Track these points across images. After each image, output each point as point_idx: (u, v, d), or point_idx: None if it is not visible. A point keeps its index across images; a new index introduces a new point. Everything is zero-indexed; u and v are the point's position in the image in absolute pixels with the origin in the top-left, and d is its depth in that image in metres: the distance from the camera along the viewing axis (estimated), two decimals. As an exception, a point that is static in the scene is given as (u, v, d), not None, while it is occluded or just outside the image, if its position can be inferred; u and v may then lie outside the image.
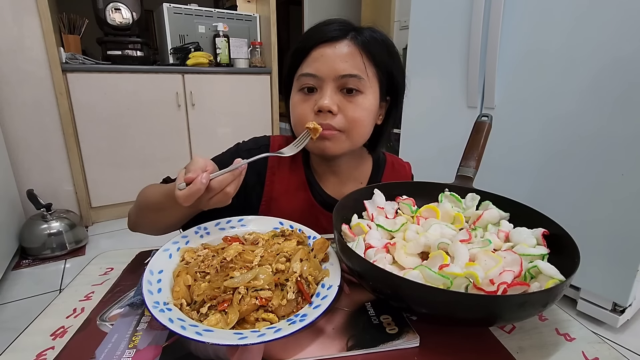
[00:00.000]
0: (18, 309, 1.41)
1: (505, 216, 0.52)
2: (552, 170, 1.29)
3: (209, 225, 0.54)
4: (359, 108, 0.61)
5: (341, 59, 0.59)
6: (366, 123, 0.64)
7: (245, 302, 0.38)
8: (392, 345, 0.38)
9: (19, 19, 1.76)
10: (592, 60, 1.15)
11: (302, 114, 0.62)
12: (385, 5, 2.81)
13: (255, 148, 0.71)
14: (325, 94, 0.60)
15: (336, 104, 0.60)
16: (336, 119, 0.61)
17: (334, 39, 0.60)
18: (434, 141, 1.71)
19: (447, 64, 1.57)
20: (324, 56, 0.60)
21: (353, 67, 0.59)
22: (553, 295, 0.36)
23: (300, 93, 0.63)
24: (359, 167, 0.74)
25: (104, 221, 2.21)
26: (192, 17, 2.39)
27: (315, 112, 0.61)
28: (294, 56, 0.64)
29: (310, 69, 0.61)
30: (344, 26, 0.61)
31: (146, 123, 2.19)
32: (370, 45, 0.61)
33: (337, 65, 0.59)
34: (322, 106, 0.59)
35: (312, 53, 0.61)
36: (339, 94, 0.61)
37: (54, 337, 0.40)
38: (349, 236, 0.50)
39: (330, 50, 0.60)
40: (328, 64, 0.59)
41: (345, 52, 0.59)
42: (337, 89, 0.61)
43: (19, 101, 1.82)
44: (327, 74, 0.60)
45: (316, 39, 0.61)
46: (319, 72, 0.60)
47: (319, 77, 0.60)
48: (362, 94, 0.61)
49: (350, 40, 0.60)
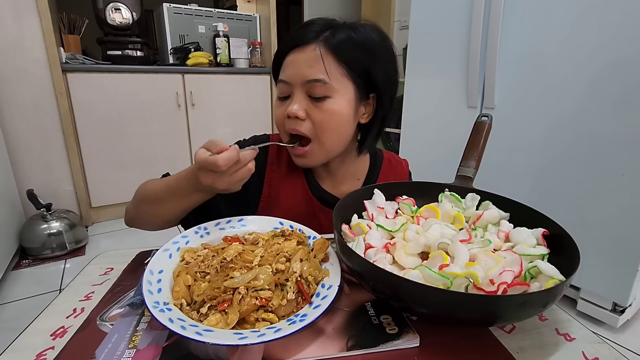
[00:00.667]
0: (18, 309, 1.41)
1: (505, 216, 0.52)
2: (552, 170, 1.29)
3: (208, 225, 0.54)
4: (326, 113, 0.61)
5: (307, 64, 0.59)
6: (336, 127, 0.63)
7: (245, 302, 0.38)
8: (392, 345, 0.38)
9: (19, 19, 1.76)
10: (592, 60, 1.15)
11: (279, 118, 0.65)
12: (385, 5, 2.81)
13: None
14: (294, 100, 0.61)
15: (304, 110, 0.61)
16: (304, 124, 0.62)
17: (303, 44, 0.60)
18: (434, 141, 1.71)
19: (447, 64, 1.57)
20: (293, 62, 0.61)
21: (318, 71, 0.59)
22: (553, 295, 0.36)
23: (278, 100, 0.65)
24: (354, 165, 0.75)
25: (104, 221, 2.21)
26: (192, 17, 2.39)
27: (286, 118, 0.63)
28: (274, 62, 0.65)
29: (283, 75, 0.62)
30: (321, 27, 0.61)
31: (146, 123, 2.19)
32: (341, 46, 0.60)
33: (303, 71, 0.60)
34: (289, 112, 0.61)
35: (286, 59, 0.62)
36: (307, 100, 0.61)
37: (54, 337, 0.40)
38: (349, 236, 0.50)
39: (298, 56, 0.60)
40: (295, 70, 0.60)
41: (311, 56, 0.59)
42: (305, 94, 0.61)
43: (19, 101, 1.82)
44: (295, 80, 0.61)
45: (291, 44, 0.61)
46: (289, 78, 0.61)
47: (289, 83, 0.61)
48: (331, 98, 0.61)
49: (318, 44, 0.60)
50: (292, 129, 0.62)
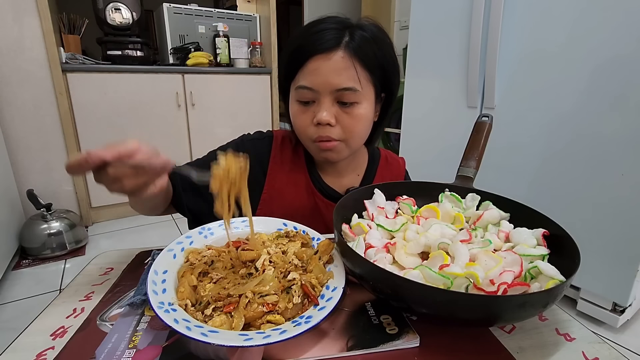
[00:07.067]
0: (18, 309, 1.41)
1: (505, 216, 0.52)
2: (553, 170, 1.29)
3: (212, 226, 0.55)
4: (355, 118, 0.62)
5: (336, 72, 0.59)
6: (363, 130, 0.66)
7: (252, 308, 0.38)
8: (392, 346, 0.38)
9: (19, 19, 1.75)
10: (592, 60, 1.15)
11: (303, 125, 0.64)
12: (385, 5, 2.81)
13: (260, 139, 0.74)
14: (323, 107, 0.61)
15: (334, 116, 0.61)
16: (335, 130, 0.62)
17: (327, 50, 0.59)
18: (434, 141, 1.71)
19: (447, 64, 1.57)
20: (318, 69, 0.60)
21: (348, 79, 0.60)
22: (553, 295, 0.36)
23: (298, 104, 0.64)
24: (355, 160, 0.77)
25: (104, 221, 2.21)
26: (192, 17, 2.39)
27: (314, 125, 0.62)
28: (289, 64, 0.63)
29: (307, 82, 0.61)
30: (338, 31, 0.60)
31: (146, 123, 2.19)
32: (362, 49, 0.60)
33: (332, 80, 0.59)
34: (320, 120, 0.61)
35: (307, 65, 0.60)
36: (336, 106, 0.62)
37: (54, 337, 0.40)
38: (349, 236, 0.50)
39: (324, 63, 0.59)
40: (323, 78, 0.59)
41: (340, 65, 0.59)
42: (333, 100, 0.61)
43: (19, 101, 1.82)
44: (322, 88, 0.60)
45: (311, 50, 0.60)
46: (315, 85, 0.60)
47: (315, 90, 0.61)
48: (359, 103, 0.62)
49: (343, 50, 0.59)
50: (324, 136, 0.62)
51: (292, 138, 0.74)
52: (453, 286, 0.38)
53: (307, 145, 0.68)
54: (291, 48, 0.63)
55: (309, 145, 0.68)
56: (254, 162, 0.66)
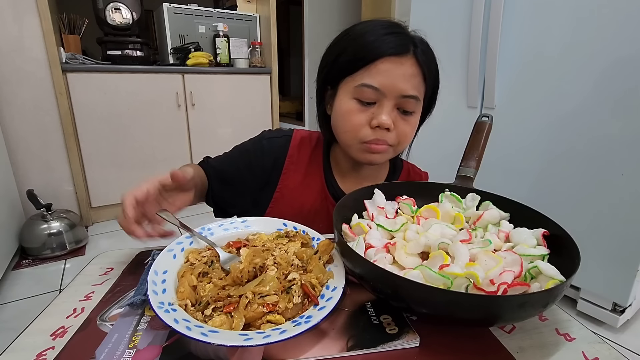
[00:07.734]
0: (18, 309, 1.41)
1: (505, 216, 0.52)
2: (553, 170, 1.29)
3: (212, 226, 0.55)
4: (411, 126, 0.63)
5: (405, 78, 0.59)
6: (411, 137, 0.67)
7: (252, 308, 0.38)
8: (392, 346, 0.38)
9: (19, 19, 1.76)
10: (593, 60, 1.15)
11: (357, 124, 0.62)
12: (385, 5, 2.81)
13: (277, 137, 0.74)
14: (385, 111, 0.60)
15: (392, 121, 0.61)
16: (390, 135, 0.62)
17: (400, 54, 0.59)
18: (433, 141, 1.70)
19: (447, 64, 1.55)
20: (389, 71, 0.58)
21: (413, 87, 0.60)
22: (553, 295, 0.36)
23: (355, 101, 0.61)
24: (376, 169, 0.76)
25: (104, 221, 2.21)
26: (192, 17, 2.39)
27: (372, 126, 0.61)
28: (352, 62, 0.60)
29: (374, 82, 0.59)
30: (408, 37, 0.61)
31: (146, 123, 2.19)
32: (428, 64, 0.61)
33: (400, 84, 0.59)
34: (382, 123, 0.60)
35: (376, 64, 0.58)
36: (395, 111, 0.61)
37: (54, 337, 0.40)
38: (349, 236, 0.50)
39: (395, 67, 0.58)
40: (392, 81, 0.59)
41: (410, 72, 0.59)
42: (394, 105, 0.61)
43: (19, 101, 1.82)
44: (389, 91, 0.59)
45: (384, 49, 0.58)
46: (382, 86, 0.59)
47: (381, 91, 0.59)
48: (415, 113, 0.63)
49: (414, 58, 0.60)
50: (380, 140, 0.62)
51: (312, 139, 0.74)
52: (453, 286, 0.38)
53: (349, 144, 0.65)
54: (359, 42, 0.60)
55: (352, 145, 0.64)
56: (268, 157, 0.70)
